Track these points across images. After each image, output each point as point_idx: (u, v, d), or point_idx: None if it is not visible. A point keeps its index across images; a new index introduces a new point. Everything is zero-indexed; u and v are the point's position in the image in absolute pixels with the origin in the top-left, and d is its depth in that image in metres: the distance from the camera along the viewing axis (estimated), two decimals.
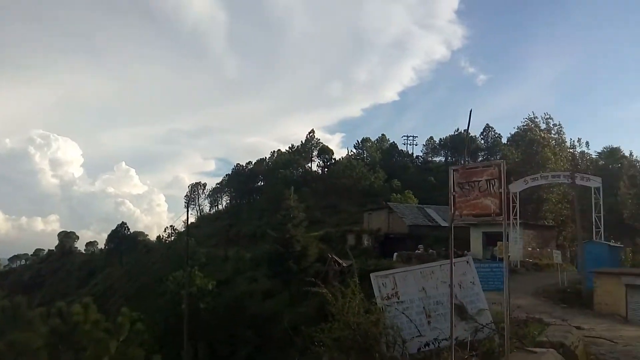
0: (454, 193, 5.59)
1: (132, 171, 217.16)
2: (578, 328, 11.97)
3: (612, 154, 47.77)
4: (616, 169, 44.77)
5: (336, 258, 34.62)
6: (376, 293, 7.23)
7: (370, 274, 7.45)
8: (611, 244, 27.69)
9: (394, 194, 61.76)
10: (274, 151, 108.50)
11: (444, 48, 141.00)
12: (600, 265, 21.71)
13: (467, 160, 55.35)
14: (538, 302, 20.65)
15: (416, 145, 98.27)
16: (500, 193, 5.35)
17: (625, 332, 13.52)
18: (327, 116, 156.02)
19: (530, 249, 34.83)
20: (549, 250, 35.41)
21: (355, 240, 49.32)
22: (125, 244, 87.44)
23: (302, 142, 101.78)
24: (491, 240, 34.10)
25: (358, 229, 51.02)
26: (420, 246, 38.98)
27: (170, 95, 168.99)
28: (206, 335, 35.11)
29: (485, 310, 6.79)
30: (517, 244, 32.61)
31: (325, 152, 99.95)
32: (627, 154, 49.04)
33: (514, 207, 32.56)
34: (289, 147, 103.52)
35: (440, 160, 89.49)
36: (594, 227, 29.32)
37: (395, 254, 37.66)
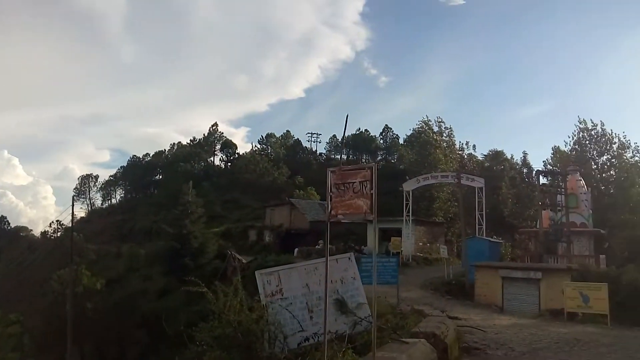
0: (331, 193, 5.75)
1: (15, 160, 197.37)
2: (455, 318, 12.80)
3: (496, 156, 51.74)
4: (499, 170, 48.61)
5: (236, 254, 34.16)
6: (260, 290, 7.15)
7: (255, 272, 7.37)
8: (492, 239, 30.06)
9: (297, 190, 62.26)
10: (174, 143, 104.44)
11: (349, 49, 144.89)
12: (481, 259, 23.42)
13: (343, 161, 57.16)
14: (425, 294, 21.85)
15: (320, 142, 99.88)
16: (372, 194, 5.58)
17: (498, 321, 14.69)
18: (232, 109, 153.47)
19: (421, 244, 36.72)
20: (438, 245, 37.73)
21: (257, 236, 49.02)
22: (5, 239, 79.73)
23: (204, 135, 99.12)
24: (387, 235, 35.54)
25: (260, 225, 50.76)
26: (321, 241, 39.59)
27: (61, 80, 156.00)
28: (94, 337, 33.00)
29: (364, 304, 6.99)
30: (409, 239, 34.24)
31: (228, 146, 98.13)
32: (509, 157, 53.48)
33: (407, 204, 34.24)
34: (191, 140, 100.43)
35: (342, 158, 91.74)
36: (477, 223, 31.65)
37: (296, 249, 37.93)
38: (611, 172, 40.62)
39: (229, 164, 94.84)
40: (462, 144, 54.33)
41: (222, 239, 46.73)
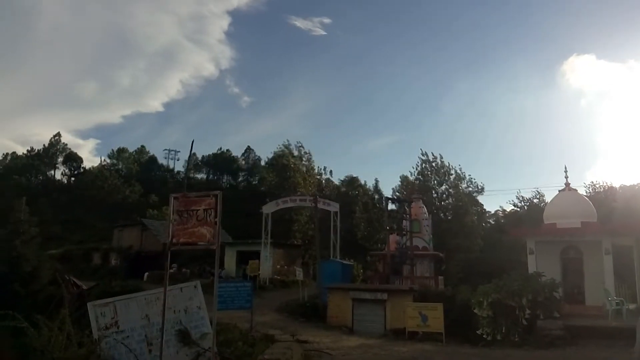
0: (172, 221, 5.47)
1: None
2: (304, 342, 12.91)
3: (351, 182, 54.69)
4: (354, 195, 51.32)
5: (75, 280, 30.79)
6: (93, 324, 6.43)
7: (88, 304, 6.63)
8: (345, 261, 31.30)
9: (151, 210, 58.92)
10: (7, 153, 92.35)
11: (213, 66, 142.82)
12: (335, 281, 24.12)
13: (186, 185, 56.30)
14: (280, 317, 21.84)
15: (178, 160, 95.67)
16: (216, 222, 5.42)
17: (347, 343, 15.16)
18: (79, 119, 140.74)
19: (279, 266, 36.95)
20: (295, 267, 38.25)
21: (101, 259, 45.14)
22: None
23: (44, 145, 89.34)
24: (245, 258, 35.12)
25: (106, 247, 46.87)
26: (174, 265, 37.77)
27: None
28: None
29: (209, 334, 6.66)
30: (267, 261, 34.25)
31: (72, 159, 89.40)
32: (362, 183, 56.83)
33: (266, 227, 34.33)
34: (28, 150, 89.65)
35: (202, 178, 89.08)
36: (332, 246, 32.81)
37: (146, 274, 35.63)
38: (449, 200, 45.20)
39: (73, 178, 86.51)
40: (321, 168, 56.57)
41: (61, 262, 42.04)
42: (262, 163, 72.65)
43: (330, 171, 58.33)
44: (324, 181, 55.18)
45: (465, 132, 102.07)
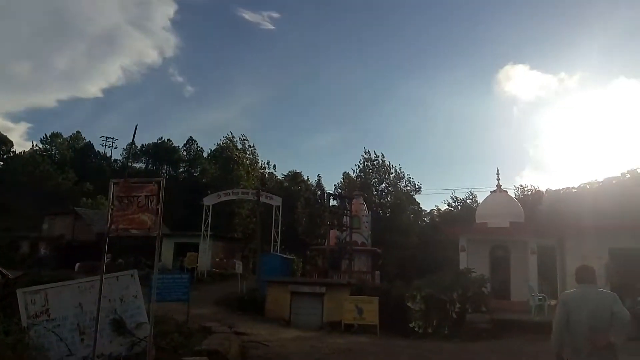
0: (112, 206, 5.37)
1: None
2: (242, 334, 12.96)
3: (294, 177, 54.71)
4: (296, 191, 51.45)
5: (0, 269, 29.22)
6: (22, 311, 6.20)
7: (17, 290, 6.38)
8: (285, 255, 31.49)
9: (85, 198, 56.48)
10: None
11: (156, 53, 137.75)
12: (274, 274, 24.26)
13: (127, 173, 54.91)
14: (218, 310, 21.67)
15: (116, 147, 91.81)
16: (158, 209, 5.39)
17: (284, 335, 15.32)
18: (11, 101, 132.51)
19: (218, 259, 36.56)
20: (235, 261, 37.99)
21: (30, 248, 42.86)
22: None
23: None
24: (183, 250, 34.49)
25: (35, 235, 44.53)
26: (109, 256, 36.44)
27: None
28: None
29: (145, 324, 6.60)
30: (206, 254, 33.81)
31: (2, 142, 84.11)
32: (305, 178, 57.01)
33: (206, 219, 33.88)
34: None
35: (140, 167, 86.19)
36: (273, 240, 32.88)
37: (78, 264, 34.20)
38: (388, 198, 46.38)
39: (1, 163, 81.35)
40: (264, 162, 56.32)
41: None
42: (205, 155, 71.14)
43: (274, 165, 58.19)
44: (267, 175, 54.97)
45: (405, 133, 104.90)
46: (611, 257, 18.03)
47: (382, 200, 46.38)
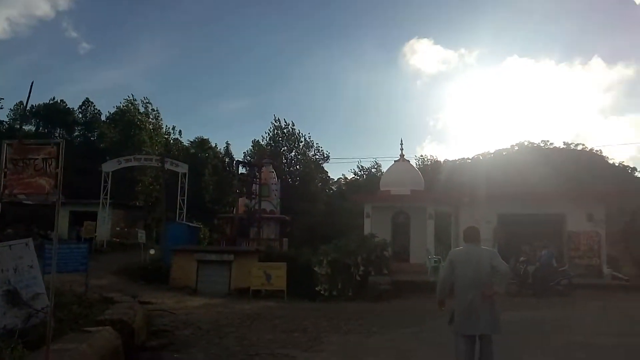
0: (6, 169, 4.94)
1: None
2: (147, 303, 12.62)
3: (201, 144, 53.11)
4: (203, 158, 50.12)
5: None
6: None
7: None
8: (191, 224, 30.85)
9: None
10: None
11: (48, 6, 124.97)
12: (180, 243, 23.73)
13: (25, 134, 50.84)
14: (119, 280, 20.87)
15: (2, 108, 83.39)
16: (57, 173, 5.04)
17: (190, 303, 15.14)
18: None
19: (118, 228, 34.98)
20: (137, 230, 36.53)
21: None
22: None
23: None
24: (79, 220, 32.50)
25: None
26: None
27: None
28: None
29: (42, 295, 6.20)
30: (105, 223, 32.20)
31: None
32: (213, 145, 55.61)
33: (105, 186, 32.10)
34: None
35: (30, 130, 79.07)
36: (178, 208, 32.00)
37: None
38: (297, 166, 46.79)
39: None
40: (169, 128, 54.05)
41: None
42: (103, 118, 66.62)
43: (180, 131, 55.88)
44: (172, 141, 52.80)
45: (315, 103, 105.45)
46: (499, 221, 19.75)
47: (291, 169, 46.68)
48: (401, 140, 25.41)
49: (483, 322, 5.57)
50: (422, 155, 53.70)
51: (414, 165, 30.67)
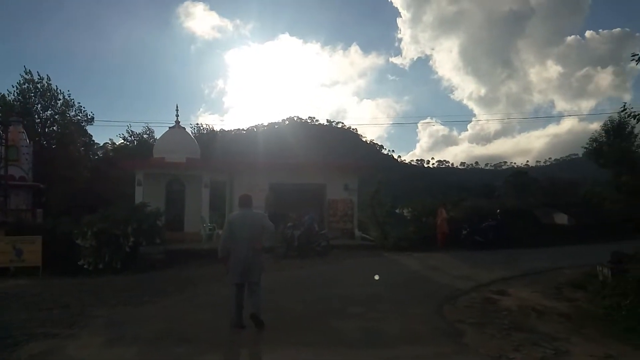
0: None
1: None
2: None
3: None
4: None
5: None
6: None
7: None
8: None
9: None
10: None
11: None
12: None
13: None
14: None
15: None
16: None
17: None
18: None
19: None
20: None
21: None
22: None
23: None
24: None
25: None
26: None
27: None
28: None
29: None
30: None
31: None
32: None
33: None
34: None
35: None
36: None
37: None
38: (54, 127, 41.28)
39: None
40: None
41: None
42: None
43: None
44: None
45: (76, 56, 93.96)
46: (271, 189, 20.98)
47: (47, 130, 40.91)
48: (177, 107, 24.77)
49: (252, 272, 7.03)
50: (198, 124, 53.13)
51: (190, 133, 30.20)
